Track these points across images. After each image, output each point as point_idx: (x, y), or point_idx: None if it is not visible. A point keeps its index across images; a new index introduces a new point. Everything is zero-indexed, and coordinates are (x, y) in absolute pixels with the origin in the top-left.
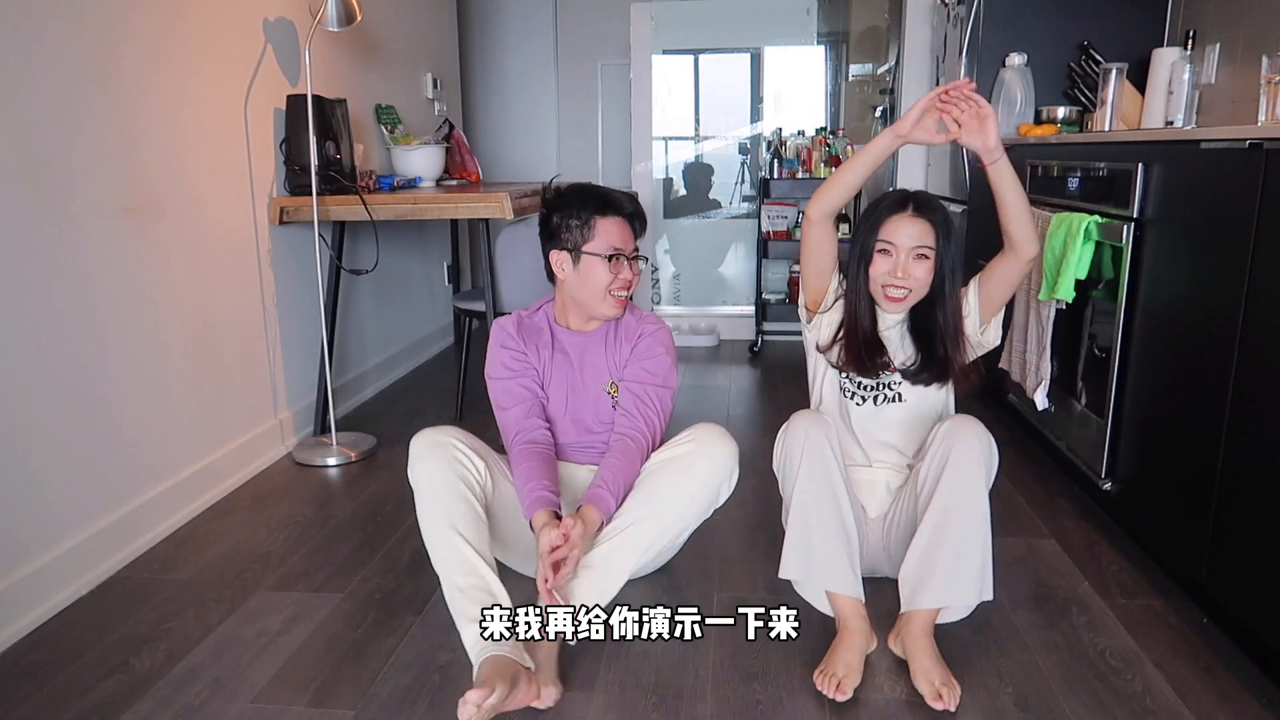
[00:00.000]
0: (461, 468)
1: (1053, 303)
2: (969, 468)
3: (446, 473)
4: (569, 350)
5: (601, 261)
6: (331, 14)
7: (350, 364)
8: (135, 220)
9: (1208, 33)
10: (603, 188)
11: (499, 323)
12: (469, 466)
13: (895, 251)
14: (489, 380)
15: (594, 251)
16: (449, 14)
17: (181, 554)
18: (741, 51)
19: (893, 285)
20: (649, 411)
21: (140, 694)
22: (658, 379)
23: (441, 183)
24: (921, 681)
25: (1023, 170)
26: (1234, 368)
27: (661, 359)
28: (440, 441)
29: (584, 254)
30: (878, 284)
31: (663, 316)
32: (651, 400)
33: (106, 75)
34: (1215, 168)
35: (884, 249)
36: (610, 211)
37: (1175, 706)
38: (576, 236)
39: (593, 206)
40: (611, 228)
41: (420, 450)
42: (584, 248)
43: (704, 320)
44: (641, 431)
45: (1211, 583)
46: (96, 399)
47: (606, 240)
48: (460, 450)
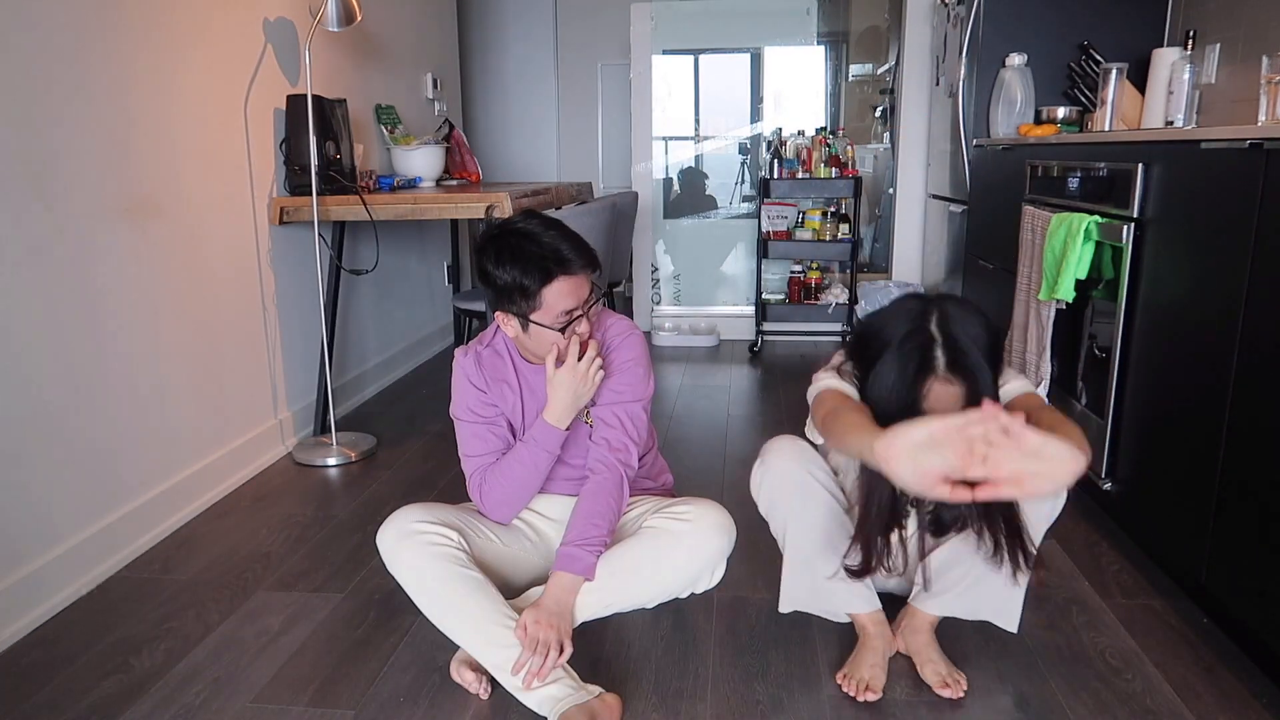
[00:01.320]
0: (440, 548)
1: (1053, 303)
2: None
3: (429, 559)
4: (533, 378)
5: (551, 332)
6: (331, 14)
7: (350, 364)
8: (135, 220)
9: (1208, 33)
10: (544, 234)
11: (459, 360)
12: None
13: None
14: (455, 420)
15: (542, 323)
16: (449, 14)
17: (181, 554)
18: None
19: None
20: (622, 436)
21: (140, 694)
22: (626, 395)
23: (441, 183)
24: (929, 673)
25: (1023, 170)
26: (1234, 367)
27: (631, 371)
28: (408, 530)
29: (532, 323)
30: None
31: (663, 316)
32: (624, 423)
33: (106, 75)
34: (1215, 168)
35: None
36: (557, 273)
37: (1175, 706)
38: (522, 306)
39: (536, 277)
40: (561, 290)
41: (392, 545)
42: (531, 317)
43: (704, 320)
44: (613, 465)
45: (1211, 583)
46: (96, 399)
47: (556, 307)
48: (432, 531)
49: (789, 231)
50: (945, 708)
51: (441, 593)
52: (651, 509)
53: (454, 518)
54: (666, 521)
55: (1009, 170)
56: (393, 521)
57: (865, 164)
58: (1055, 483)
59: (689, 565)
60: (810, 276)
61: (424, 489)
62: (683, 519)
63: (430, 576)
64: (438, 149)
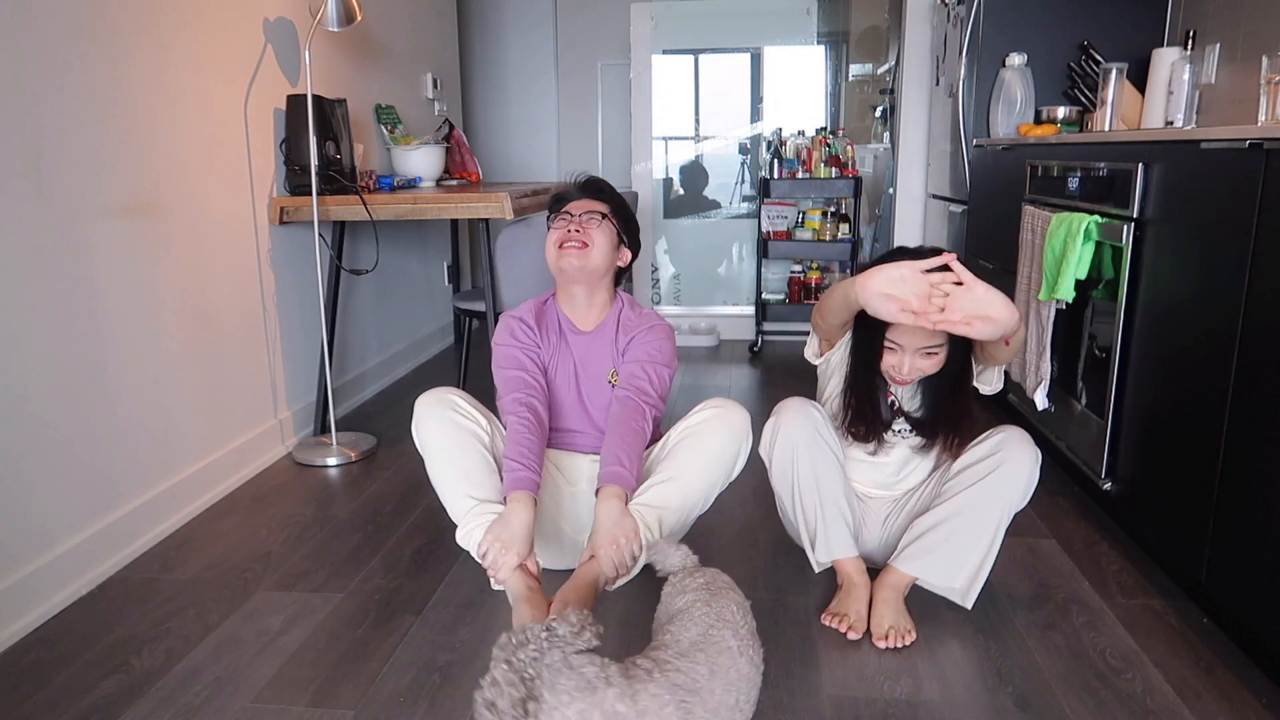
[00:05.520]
0: (468, 421)
1: (1053, 303)
2: (1009, 490)
3: (453, 426)
4: (574, 340)
5: (551, 225)
6: (331, 14)
7: (350, 364)
8: (135, 220)
9: (1208, 33)
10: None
11: (513, 309)
12: (475, 422)
13: (901, 351)
14: (495, 346)
15: (550, 224)
16: (449, 14)
17: (181, 554)
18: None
19: (897, 379)
20: (646, 385)
21: (140, 694)
22: (657, 358)
23: (441, 183)
24: (874, 622)
25: (1023, 170)
26: (1234, 367)
27: (662, 343)
28: (444, 399)
29: (548, 231)
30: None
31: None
32: (650, 374)
33: (106, 75)
34: (1215, 168)
35: (890, 347)
36: (575, 195)
37: (1175, 706)
38: (550, 222)
39: (564, 194)
40: (568, 204)
41: (425, 410)
42: (550, 225)
43: (704, 320)
44: (641, 390)
45: (1211, 583)
46: (96, 398)
47: (560, 210)
48: (463, 407)
49: (789, 231)
50: (945, 707)
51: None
52: (667, 436)
53: (488, 414)
54: (692, 425)
55: (1009, 170)
56: (435, 390)
57: (865, 164)
58: (997, 325)
59: (730, 442)
60: (810, 276)
61: (424, 489)
62: (705, 410)
63: (450, 442)
64: (438, 149)
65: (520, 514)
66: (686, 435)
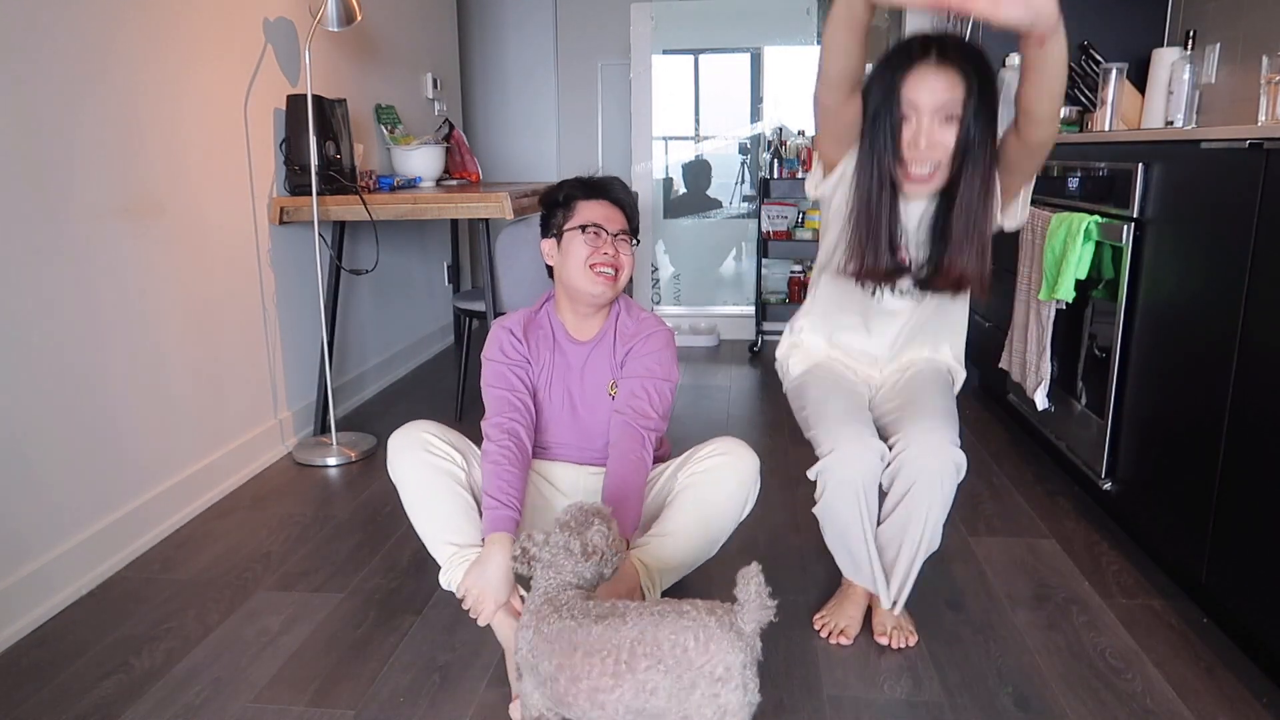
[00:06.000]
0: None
1: (1053, 303)
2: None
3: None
4: (570, 350)
5: (578, 234)
6: (331, 14)
7: (350, 364)
8: (135, 220)
9: (1208, 33)
10: (597, 177)
11: (505, 318)
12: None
13: (918, 115)
14: (484, 361)
15: (572, 226)
16: (449, 14)
17: (181, 554)
18: (741, 51)
19: (914, 160)
20: (646, 405)
21: (140, 694)
22: (657, 373)
23: (441, 183)
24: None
25: None
26: (1234, 367)
27: (661, 354)
28: (417, 437)
29: (564, 233)
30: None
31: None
32: (650, 393)
33: (106, 75)
34: (1215, 168)
35: (905, 115)
36: (595, 195)
37: (1175, 706)
38: (560, 220)
39: (579, 192)
40: (593, 207)
41: (398, 451)
42: (564, 227)
43: (704, 320)
44: (641, 413)
45: (1211, 583)
46: (96, 399)
47: (585, 217)
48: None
49: (789, 231)
50: (945, 708)
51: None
52: (674, 469)
53: (464, 444)
54: (700, 467)
55: None
56: (406, 426)
57: None
58: (1029, 8)
59: (739, 489)
60: (810, 276)
61: None
62: (714, 456)
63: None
64: (437, 149)
65: (497, 558)
66: (692, 483)
